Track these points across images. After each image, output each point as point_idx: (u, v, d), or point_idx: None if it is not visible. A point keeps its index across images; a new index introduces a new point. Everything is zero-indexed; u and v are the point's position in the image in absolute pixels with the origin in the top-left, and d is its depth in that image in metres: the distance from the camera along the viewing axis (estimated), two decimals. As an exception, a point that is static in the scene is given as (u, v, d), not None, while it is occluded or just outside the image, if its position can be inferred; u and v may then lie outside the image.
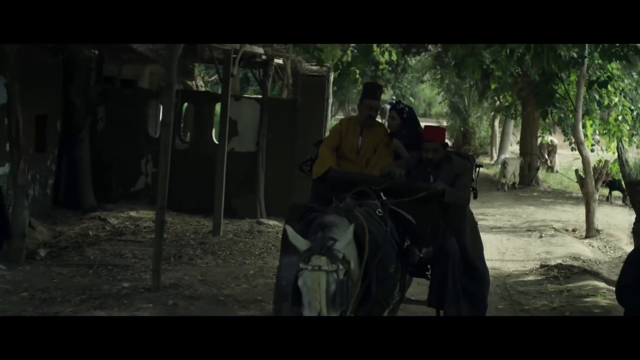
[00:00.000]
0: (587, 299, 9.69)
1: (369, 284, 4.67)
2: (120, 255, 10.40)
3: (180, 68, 13.61)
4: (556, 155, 25.07)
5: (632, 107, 16.55)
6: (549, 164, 24.57)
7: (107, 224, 11.94)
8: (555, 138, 23.95)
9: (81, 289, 8.73)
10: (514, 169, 20.60)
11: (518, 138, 24.52)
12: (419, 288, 7.39)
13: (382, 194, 5.50)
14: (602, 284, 10.43)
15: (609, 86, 14.88)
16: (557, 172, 24.49)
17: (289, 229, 4.44)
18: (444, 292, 5.90)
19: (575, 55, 9.77)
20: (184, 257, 10.52)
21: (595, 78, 10.44)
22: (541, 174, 22.47)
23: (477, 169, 6.83)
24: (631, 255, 5.30)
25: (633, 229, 11.11)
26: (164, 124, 8.82)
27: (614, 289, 9.80)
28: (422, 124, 7.19)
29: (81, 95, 13.02)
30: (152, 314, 7.95)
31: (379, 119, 7.13)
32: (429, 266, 6.03)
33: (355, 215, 4.75)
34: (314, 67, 13.66)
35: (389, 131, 6.81)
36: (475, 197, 6.64)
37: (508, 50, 9.20)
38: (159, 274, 8.76)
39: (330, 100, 14.71)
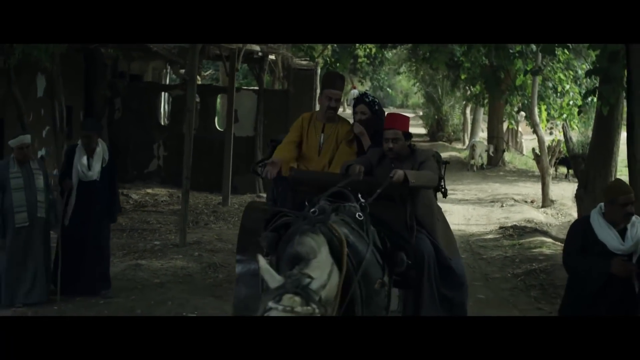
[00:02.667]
0: (534, 250, 11.79)
1: (351, 304, 4.08)
2: (146, 222, 12.37)
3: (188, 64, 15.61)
4: (522, 140, 27.15)
5: (587, 93, 18.62)
6: (513, 147, 26.55)
7: (129, 198, 13.90)
8: (520, 125, 25.97)
9: (121, 246, 10.70)
10: (481, 151, 22.68)
11: (488, 124, 26.52)
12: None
13: (359, 195, 4.81)
14: (548, 240, 12.54)
15: (560, 74, 17.06)
16: (523, 155, 26.58)
17: (262, 261, 3.75)
18: (419, 299, 5.30)
19: (520, 49, 11.77)
20: (200, 223, 12.54)
21: (532, 67, 12.38)
22: (507, 156, 24.56)
23: (444, 165, 6.17)
24: (574, 226, 5.56)
25: (575, 194, 13.13)
26: (188, 110, 10.79)
27: (559, 243, 12.03)
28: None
29: (104, 89, 14.92)
30: (182, 262, 9.93)
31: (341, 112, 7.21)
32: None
33: (331, 228, 4.13)
34: (304, 62, 15.66)
35: (362, 131, 6.00)
36: (444, 195, 6.06)
37: (466, 47, 11.17)
38: (185, 232, 10.75)
39: (318, 91, 16.71)
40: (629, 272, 5.12)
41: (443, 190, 6.03)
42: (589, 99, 18.84)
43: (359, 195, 4.77)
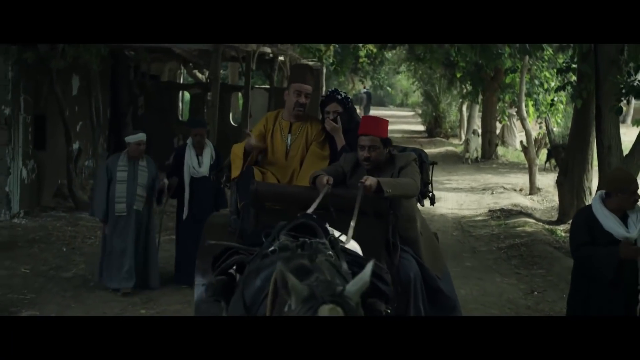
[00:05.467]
0: (518, 228, 13.26)
1: None
2: (172, 205, 13.69)
3: (203, 66, 17.16)
4: (516, 134, 28.49)
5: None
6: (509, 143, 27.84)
7: (155, 185, 15.38)
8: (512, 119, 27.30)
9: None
10: (476, 145, 24.10)
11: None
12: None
13: (327, 225, 4.02)
14: (531, 220, 14.03)
15: (546, 72, 18.55)
16: (515, 149, 27.91)
17: (289, 275, 2.74)
18: None
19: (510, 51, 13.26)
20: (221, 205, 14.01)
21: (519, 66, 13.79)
22: (500, 149, 25.93)
23: (432, 166, 5.49)
24: (578, 217, 5.55)
25: (556, 180, 14.63)
26: (212, 105, 12.29)
27: (541, 224, 13.52)
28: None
29: (134, 87, 16.40)
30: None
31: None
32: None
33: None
34: (310, 63, 17.16)
35: (335, 127, 5.33)
36: (432, 202, 5.47)
37: (457, 47, 12.64)
38: (210, 212, 12.25)
39: (324, 89, 18.21)
40: (637, 254, 5.18)
41: (430, 195, 5.45)
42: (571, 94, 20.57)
43: (327, 226, 3.98)
